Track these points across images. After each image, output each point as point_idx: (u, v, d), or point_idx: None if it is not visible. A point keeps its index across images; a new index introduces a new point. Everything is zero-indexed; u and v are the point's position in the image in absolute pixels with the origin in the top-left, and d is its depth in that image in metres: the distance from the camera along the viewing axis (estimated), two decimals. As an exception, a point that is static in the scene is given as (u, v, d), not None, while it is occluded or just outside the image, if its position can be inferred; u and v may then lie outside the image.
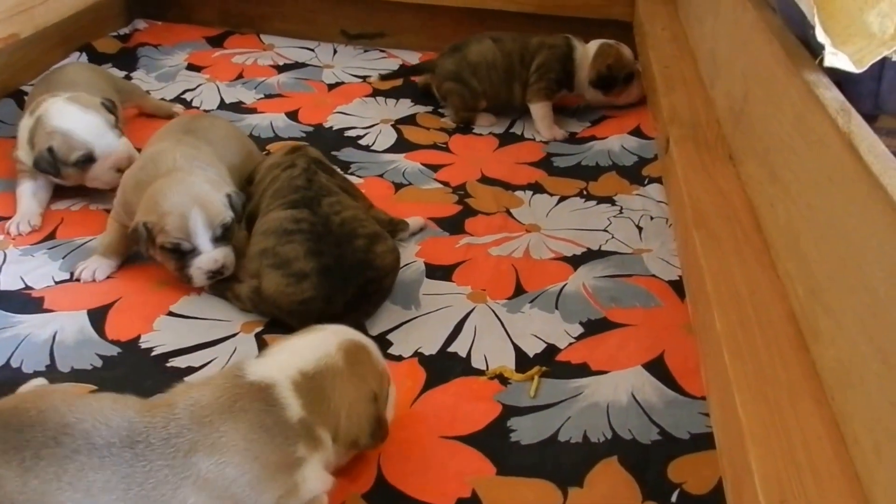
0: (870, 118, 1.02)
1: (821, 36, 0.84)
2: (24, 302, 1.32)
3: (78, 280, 1.37)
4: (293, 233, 1.27)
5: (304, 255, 1.24)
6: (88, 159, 1.53)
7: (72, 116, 1.54)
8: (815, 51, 0.88)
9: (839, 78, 0.92)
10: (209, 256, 1.30)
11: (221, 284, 1.33)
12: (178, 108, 1.96)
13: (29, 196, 1.56)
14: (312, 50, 2.42)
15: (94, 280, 1.37)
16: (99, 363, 1.19)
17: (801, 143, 0.95)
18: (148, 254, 1.33)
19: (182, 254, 1.29)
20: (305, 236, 1.26)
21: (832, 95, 0.88)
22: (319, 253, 1.25)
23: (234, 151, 1.55)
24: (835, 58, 0.82)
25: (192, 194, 1.30)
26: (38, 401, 0.86)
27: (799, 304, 0.92)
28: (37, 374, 1.16)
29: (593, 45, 1.98)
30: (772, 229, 1.07)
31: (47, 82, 1.74)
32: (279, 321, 1.27)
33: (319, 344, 0.97)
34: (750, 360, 0.86)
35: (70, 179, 1.57)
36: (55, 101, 1.56)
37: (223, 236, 1.31)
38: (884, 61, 0.82)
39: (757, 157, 1.17)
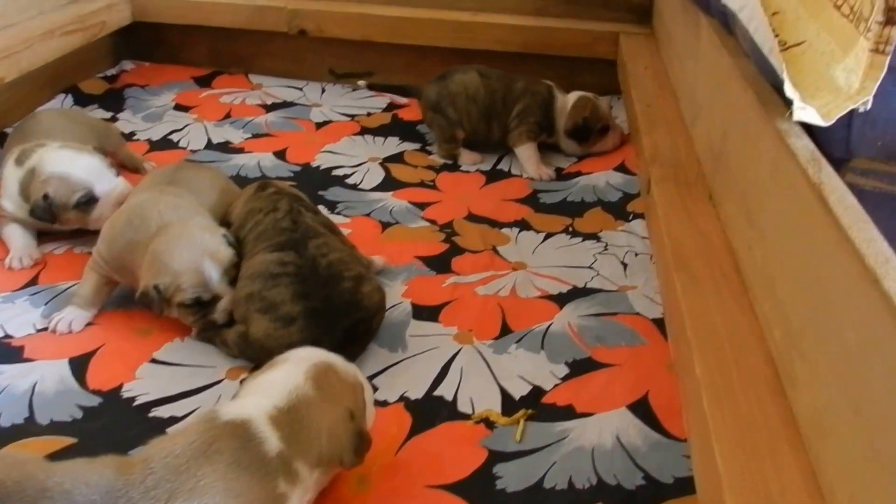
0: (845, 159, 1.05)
1: (789, 91, 0.86)
2: (3, 352, 1.31)
3: (54, 332, 1.36)
4: (279, 276, 1.28)
5: (291, 299, 1.25)
6: (90, 199, 1.54)
7: (67, 160, 1.55)
8: (788, 99, 0.90)
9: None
10: (230, 298, 1.32)
11: (210, 331, 1.33)
12: (150, 164, 1.93)
13: (20, 233, 1.57)
14: (301, 89, 2.45)
15: (70, 332, 1.36)
16: (79, 414, 1.19)
17: (776, 189, 0.97)
18: (160, 313, 1.33)
19: (203, 304, 1.31)
20: (292, 279, 1.27)
21: (803, 144, 0.90)
22: (306, 296, 1.25)
23: (219, 200, 1.56)
24: (803, 112, 0.84)
25: (199, 247, 1.31)
26: (11, 471, 0.85)
27: (776, 348, 0.94)
28: (15, 426, 1.16)
29: (572, 96, 2.02)
30: (750, 271, 1.09)
31: (22, 131, 1.74)
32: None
33: (287, 376, 0.98)
34: (728, 406, 0.87)
35: (70, 224, 1.57)
36: (47, 150, 1.57)
37: (234, 275, 1.34)
38: (852, 111, 0.84)
39: (735, 198, 1.19)
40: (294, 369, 0.99)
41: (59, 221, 1.56)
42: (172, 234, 1.33)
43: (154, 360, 1.30)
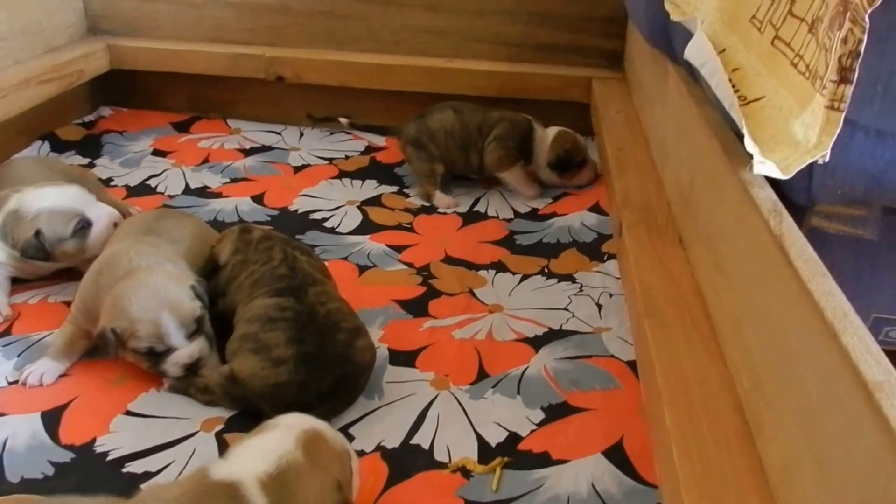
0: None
1: (749, 146, 0.88)
2: (-26, 407, 1.29)
3: (25, 384, 1.35)
4: (278, 320, 1.28)
5: (286, 342, 1.25)
6: (85, 225, 1.55)
7: (51, 195, 1.55)
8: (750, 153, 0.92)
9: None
10: (184, 352, 1.31)
11: (182, 381, 1.33)
12: (135, 208, 1.93)
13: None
14: (279, 133, 2.46)
15: (41, 385, 1.35)
16: (51, 471, 1.17)
17: (740, 238, 0.98)
18: (116, 356, 1.32)
19: (157, 354, 1.30)
20: (289, 324, 1.27)
21: (766, 195, 0.92)
22: (301, 341, 1.25)
23: (198, 249, 1.56)
24: (762, 166, 0.86)
25: (160, 297, 1.30)
26: None
27: (745, 396, 0.95)
28: (-17, 485, 1.14)
29: (552, 130, 2.07)
30: (718, 316, 1.10)
31: None
32: (244, 414, 1.27)
33: (277, 442, 0.98)
34: (698, 456, 0.88)
35: (65, 258, 1.57)
36: (26, 192, 1.56)
37: (197, 330, 1.33)
38: (813, 162, 0.86)
39: (703, 243, 1.21)
40: (285, 435, 0.99)
41: (53, 258, 1.55)
42: (136, 280, 1.33)
43: (128, 412, 1.29)
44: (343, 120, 2.21)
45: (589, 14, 2.35)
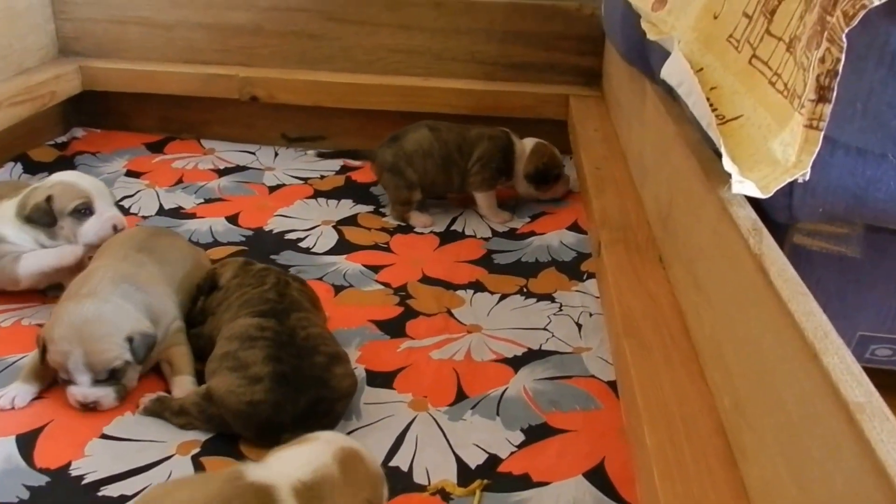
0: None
1: (727, 165, 0.88)
2: (-54, 432, 1.27)
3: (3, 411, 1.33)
4: (257, 339, 1.28)
5: (262, 360, 1.25)
6: (87, 210, 1.58)
7: (73, 175, 1.63)
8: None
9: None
10: (80, 390, 1.30)
11: (157, 403, 1.31)
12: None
13: (42, 250, 1.58)
14: (253, 153, 2.45)
15: (12, 408, 1.33)
16: (26, 495, 1.15)
17: (719, 257, 0.99)
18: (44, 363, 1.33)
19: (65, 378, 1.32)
20: (268, 343, 1.28)
21: (745, 214, 0.92)
22: (278, 359, 1.25)
23: (188, 272, 1.55)
24: (741, 185, 0.86)
25: (82, 333, 1.29)
26: None
27: (726, 417, 0.94)
28: (-42, 512, 1.12)
29: (528, 141, 2.08)
30: (699, 336, 1.10)
31: None
32: (221, 437, 1.26)
33: (315, 454, 0.99)
34: (679, 479, 0.87)
35: (62, 235, 1.59)
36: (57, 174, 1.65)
37: (110, 377, 1.31)
38: (793, 180, 0.86)
39: (683, 263, 1.21)
40: (324, 448, 1.00)
41: (53, 229, 1.58)
42: (80, 305, 1.32)
43: (104, 436, 1.27)
44: (311, 152, 2.23)
45: (565, 32, 2.36)
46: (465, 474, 1.19)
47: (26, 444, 1.25)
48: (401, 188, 2.02)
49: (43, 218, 1.56)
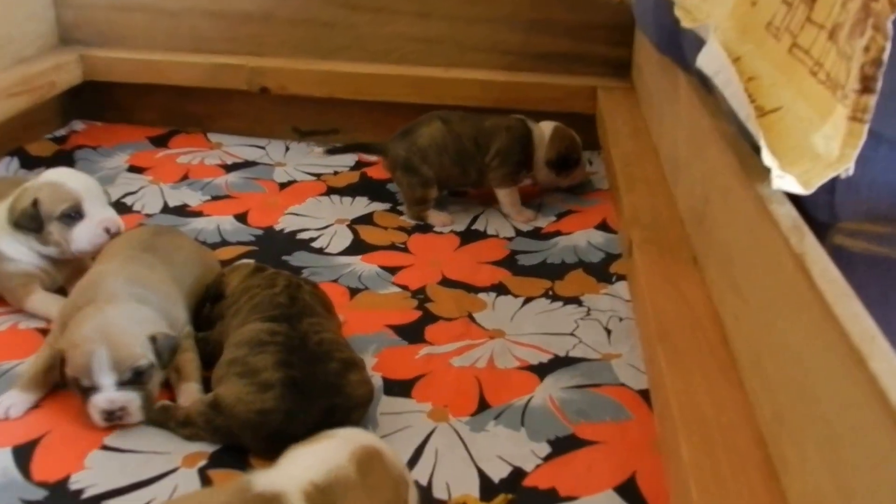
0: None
1: (767, 160, 0.89)
2: (-60, 441, 1.29)
3: None
4: (267, 344, 1.30)
5: (273, 366, 1.26)
6: (77, 214, 1.57)
7: (64, 173, 1.61)
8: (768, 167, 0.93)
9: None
10: (105, 396, 1.29)
11: (162, 412, 1.33)
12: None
13: (52, 297, 1.59)
14: (263, 148, 2.47)
15: (6, 418, 1.34)
16: (23, 510, 1.16)
17: (758, 258, 0.99)
18: (63, 379, 1.34)
19: (84, 389, 1.30)
20: (278, 347, 1.29)
21: (786, 212, 0.93)
22: (289, 365, 1.26)
23: (196, 273, 1.57)
24: (782, 180, 0.87)
25: (104, 331, 1.30)
26: None
27: (767, 428, 0.95)
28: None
29: (546, 126, 2.09)
30: (736, 342, 1.11)
31: None
32: (229, 448, 1.27)
33: (331, 453, 0.99)
34: (717, 493, 0.88)
35: (51, 241, 1.58)
36: (46, 172, 1.63)
37: (134, 380, 1.31)
38: (835, 176, 0.87)
39: (719, 264, 1.22)
40: (340, 446, 1.00)
41: (43, 234, 1.57)
42: (98, 308, 1.34)
43: (105, 447, 1.28)
44: (318, 149, 2.23)
45: (593, 21, 2.37)
46: (488, 489, 1.20)
47: (23, 455, 1.26)
48: (415, 186, 2.03)
49: (30, 223, 1.55)
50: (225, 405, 1.25)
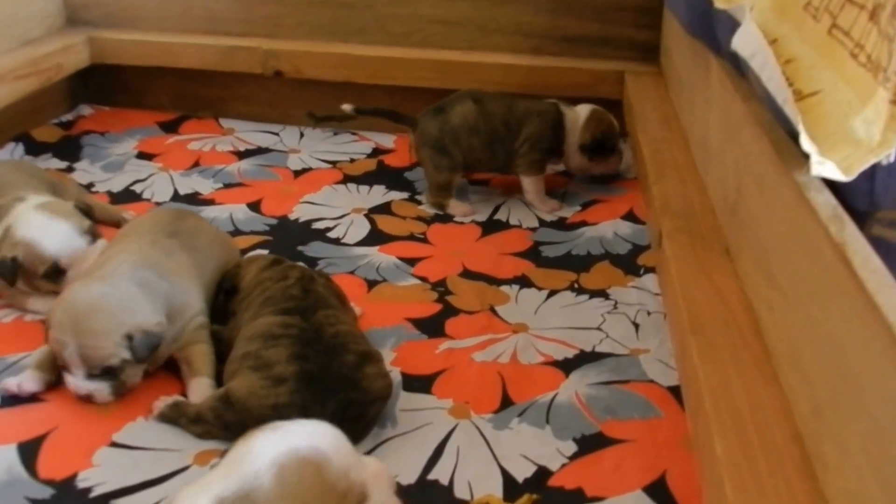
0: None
1: (805, 145, 0.89)
2: (-58, 437, 1.30)
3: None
4: (280, 337, 1.30)
5: (287, 359, 1.27)
6: (56, 271, 1.59)
7: (37, 226, 1.60)
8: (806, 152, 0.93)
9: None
10: (74, 382, 1.35)
11: (173, 409, 1.34)
12: (129, 213, 1.96)
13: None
14: (277, 134, 2.49)
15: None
16: (29, 509, 1.17)
17: (796, 248, 0.99)
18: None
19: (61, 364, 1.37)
20: (292, 340, 1.30)
21: (825, 200, 0.93)
22: (304, 358, 1.27)
23: (218, 261, 1.59)
24: (821, 166, 0.87)
25: (78, 326, 1.33)
26: None
27: (804, 424, 0.95)
28: (-46, 524, 1.15)
29: (583, 109, 2.09)
30: (772, 336, 1.11)
31: None
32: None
33: (252, 457, 0.90)
34: (753, 491, 0.88)
35: (43, 289, 1.60)
36: (24, 209, 1.62)
37: (104, 374, 1.34)
38: (876, 163, 0.87)
39: (753, 254, 1.21)
40: (264, 449, 0.91)
41: (28, 286, 1.59)
42: (81, 292, 1.37)
43: (114, 444, 1.29)
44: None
45: (620, 2, 2.37)
46: (512, 489, 1.20)
47: (29, 452, 1.27)
48: (442, 170, 2.04)
49: (8, 275, 1.57)
50: (237, 399, 1.26)
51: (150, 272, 1.43)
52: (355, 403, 1.27)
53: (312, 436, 0.95)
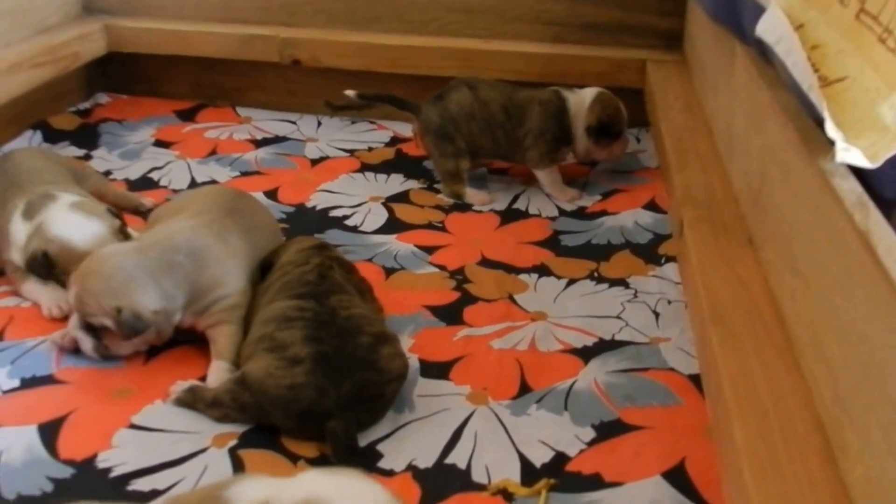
0: None
1: (831, 131, 0.89)
2: (-37, 417, 1.32)
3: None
4: (295, 320, 1.32)
5: (302, 340, 1.29)
6: None
7: (73, 227, 1.62)
8: (831, 139, 0.93)
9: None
10: (70, 323, 1.45)
11: (190, 394, 1.35)
12: (149, 200, 1.98)
13: (40, 286, 1.62)
14: (294, 123, 2.50)
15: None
16: (50, 488, 1.19)
17: (821, 236, 0.99)
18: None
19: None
20: (307, 323, 1.32)
21: (850, 187, 0.93)
22: (318, 340, 1.29)
23: (270, 243, 1.62)
24: (847, 153, 0.87)
25: (84, 280, 1.41)
26: None
27: (826, 412, 0.95)
28: (-23, 502, 1.17)
29: (588, 92, 2.07)
30: (794, 325, 1.11)
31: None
32: (260, 428, 1.29)
33: (298, 485, 0.88)
34: (773, 478, 0.88)
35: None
36: (57, 208, 1.64)
37: (92, 330, 1.42)
38: (903, 150, 0.87)
39: (777, 243, 1.22)
40: (298, 487, 0.88)
41: (55, 280, 1.61)
42: (114, 251, 1.46)
43: (133, 426, 1.31)
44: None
45: (643, -11, 2.37)
46: (530, 473, 1.22)
47: (49, 433, 1.29)
48: (447, 157, 2.05)
49: (39, 270, 1.60)
50: (253, 381, 1.28)
51: (184, 257, 1.46)
52: (372, 384, 1.29)
53: (345, 494, 0.88)
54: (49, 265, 1.58)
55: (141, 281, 1.41)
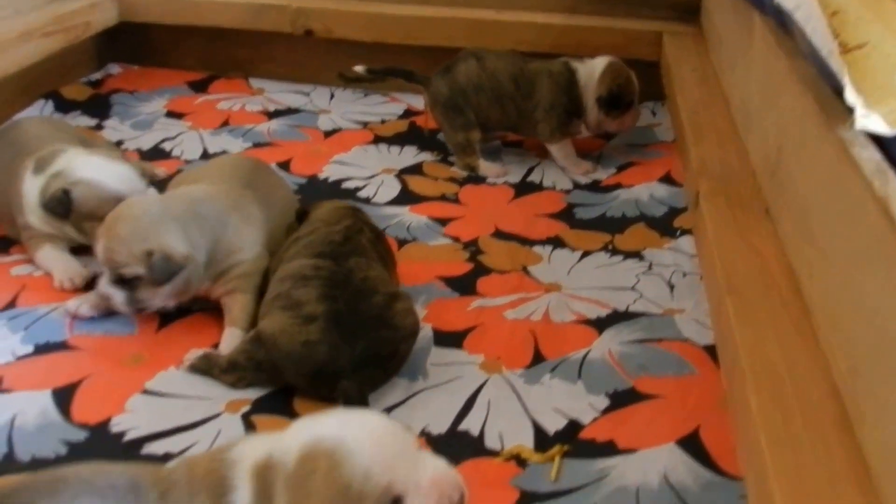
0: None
1: (851, 97, 0.89)
2: (-23, 382, 1.34)
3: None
4: (311, 278, 1.34)
5: (317, 299, 1.30)
6: None
7: (98, 167, 1.62)
8: (850, 106, 0.93)
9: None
10: (100, 282, 1.44)
11: (204, 361, 1.37)
12: (162, 170, 1.99)
13: (58, 254, 1.63)
14: (307, 94, 2.50)
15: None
16: (64, 450, 1.21)
17: (838, 206, 0.99)
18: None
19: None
20: (322, 282, 1.33)
21: (868, 155, 0.93)
22: (333, 298, 1.31)
23: (285, 217, 1.61)
24: (866, 119, 0.87)
25: (112, 227, 1.41)
26: (23, 478, 0.91)
27: (842, 382, 0.96)
28: (-7, 463, 1.18)
29: (599, 61, 2.06)
30: (811, 295, 1.11)
31: (6, 141, 1.76)
32: (272, 395, 1.31)
33: (294, 433, 0.90)
34: (789, 445, 0.89)
35: (81, 234, 1.62)
36: (74, 154, 1.64)
37: (124, 283, 1.41)
38: (923, 117, 0.87)
39: (793, 215, 1.22)
40: (305, 431, 0.91)
41: (73, 225, 1.61)
42: (142, 201, 1.49)
43: (146, 391, 1.33)
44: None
45: (659, -40, 2.35)
46: (543, 440, 1.23)
47: (63, 398, 1.32)
48: (457, 129, 2.06)
49: (58, 208, 1.58)
50: (267, 337, 1.30)
51: (210, 206, 1.48)
52: (386, 341, 1.31)
53: (348, 428, 0.89)
54: (68, 204, 1.57)
55: (169, 225, 1.42)
